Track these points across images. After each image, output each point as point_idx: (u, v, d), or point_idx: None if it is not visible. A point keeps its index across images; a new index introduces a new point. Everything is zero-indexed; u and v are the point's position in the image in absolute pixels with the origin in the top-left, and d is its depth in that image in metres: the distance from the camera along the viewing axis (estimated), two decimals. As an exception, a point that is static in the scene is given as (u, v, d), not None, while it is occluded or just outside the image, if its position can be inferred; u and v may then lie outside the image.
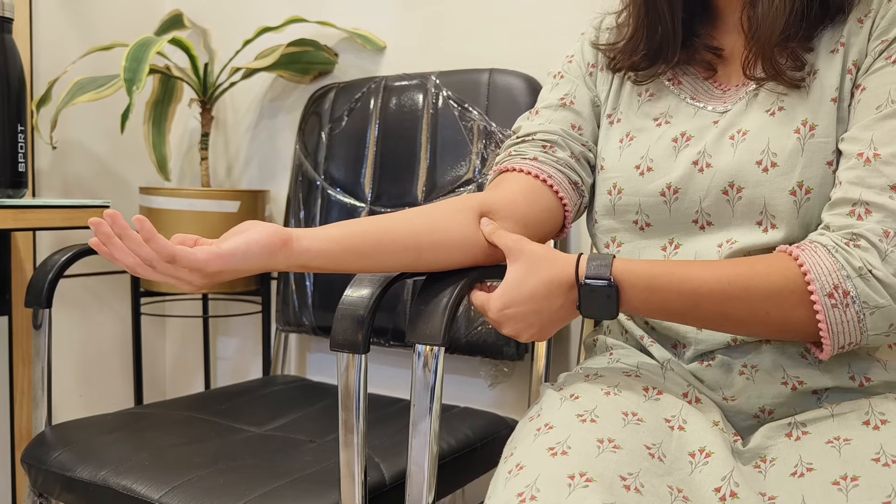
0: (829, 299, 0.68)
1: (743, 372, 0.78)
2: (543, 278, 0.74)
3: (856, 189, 0.71)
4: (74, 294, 1.62)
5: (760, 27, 0.77)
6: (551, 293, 0.74)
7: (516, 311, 0.75)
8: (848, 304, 0.68)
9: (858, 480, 0.63)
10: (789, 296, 0.70)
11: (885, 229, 0.68)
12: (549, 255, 0.75)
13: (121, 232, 0.65)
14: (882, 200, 0.69)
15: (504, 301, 0.75)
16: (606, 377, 0.80)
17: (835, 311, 0.68)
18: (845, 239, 0.70)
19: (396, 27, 1.50)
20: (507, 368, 1.39)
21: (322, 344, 1.63)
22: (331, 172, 1.44)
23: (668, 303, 0.73)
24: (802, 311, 0.70)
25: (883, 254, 0.68)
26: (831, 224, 0.72)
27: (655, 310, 0.74)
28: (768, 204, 0.76)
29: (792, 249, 0.71)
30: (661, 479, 0.66)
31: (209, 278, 0.69)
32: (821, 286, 0.68)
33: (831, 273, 0.68)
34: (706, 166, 0.79)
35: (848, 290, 0.68)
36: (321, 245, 0.73)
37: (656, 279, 0.72)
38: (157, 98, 1.58)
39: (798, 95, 0.77)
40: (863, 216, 0.70)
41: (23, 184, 1.29)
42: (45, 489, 1.03)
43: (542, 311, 0.75)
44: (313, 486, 0.90)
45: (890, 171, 0.70)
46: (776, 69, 0.77)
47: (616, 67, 0.89)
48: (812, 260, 0.69)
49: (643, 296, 0.73)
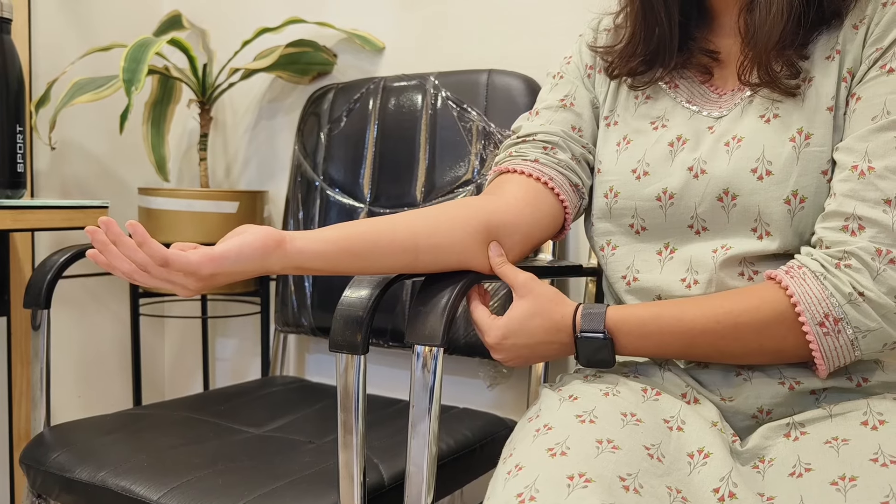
0: (820, 328, 0.69)
1: (740, 373, 0.78)
2: (546, 324, 0.78)
3: (850, 202, 0.71)
4: (73, 295, 1.62)
5: (757, 34, 0.77)
6: (551, 338, 0.78)
7: (514, 342, 0.79)
8: (840, 330, 0.69)
9: (857, 481, 0.63)
10: (779, 327, 0.71)
11: (878, 247, 0.69)
12: (554, 299, 0.79)
13: (115, 238, 0.66)
14: (875, 215, 0.69)
15: (505, 333, 0.79)
16: (605, 378, 0.80)
17: (827, 338, 0.70)
18: (835, 259, 0.70)
19: (395, 28, 1.50)
20: (505, 369, 1.39)
21: (321, 345, 1.63)
22: (330, 173, 1.44)
23: (664, 345, 0.76)
24: (794, 339, 0.71)
25: (874, 272, 0.68)
26: (824, 239, 0.72)
27: (653, 351, 0.77)
28: (762, 212, 0.76)
29: (780, 276, 0.72)
30: (660, 479, 0.66)
31: (204, 281, 0.69)
32: (811, 316, 0.69)
33: (821, 301, 0.69)
34: (701, 172, 0.79)
35: (839, 318, 0.69)
36: (316, 246, 0.73)
37: (647, 325, 0.75)
38: (156, 99, 1.58)
39: (793, 102, 0.77)
40: (856, 232, 0.70)
41: (21, 184, 1.29)
42: (44, 490, 1.03)
43: (536, 347, 0.79)
44: (312, 486, 0.90)
45: (884, 185, 0.70)
46: (771, 76, 0.77)
47: (613, 74, 0.89)
48: (801, 289, 0.70)
49: (638, 343, 0.76)
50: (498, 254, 0.82)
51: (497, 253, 0.82)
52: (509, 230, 0.83)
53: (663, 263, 0.83)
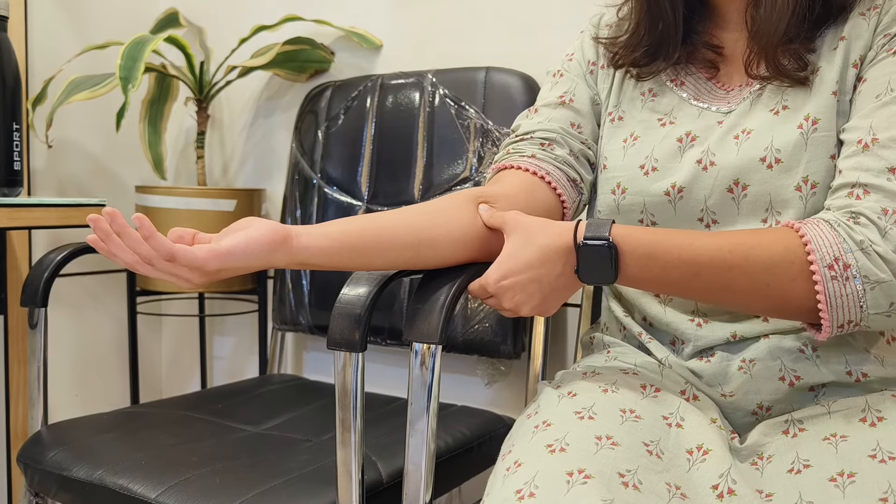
0: (828, 270, 0.67)
1: (741, 367, 0.78)
2: (540, 245, 0.73)
3: (854, 173, 0.71)
4: (70, 293, 1.62)
5: (762, 28, 0.77)
6: (549, 259, 0.73)
7: (514, 280, 0.74)
8: (848, 277, 0.67)
9: (855, 477, 0.63)
10: (789, 266, 0.69)
11: (884, 207, 0.68)
12: (545, 224, 0.75)
13: (119, 230, 0.65)
14: (880, 182, 0.69)
15: (501, 272, 0.74)
16: (604, 375, 0.80)
17: (834, 283, 0.67)
18: (846, 216, 0.69)
19: (393, 25, 1.50)
20: (504, 367, 1.39)
21: (319, 343, 1.63)
22: (327, 171, 1.44)
23: (668, 271, 0.72)
24: (802, 283, 0.69)
25: (882, 230, 0.68)
26: (832, 206, 0.72)
27: (654, 278, 0.73)
28: (774, 200, 0.76)
29: (795, 223, 0.71)
30: (659, 475, 0.66)
31: (208, 276, 0.69)
32: (821, 257, 0.68)
33: (832, 245, 0.68)
34: (710, 164, 0.79)
35: (849, 263, 0.67)
36: (320, 242, 0.73)
37: (656, 245, 0.71)
38: (153, 97, 1.58)
39: (802, 92, 0.77)
40: (861, 196, 0.70)
41: (18, 182, 1.29)
42: (42, 489, 1.03)
43: (541, 278, 0.74)
44: (310, 485, 0.90)
45: (887, 153, 0.70)
46: (779, 70, 0.77)
47: (618, 64, 0.89)
48: (814, 232, 0.69)
49: (642, 261, 0.72)
50: (487, 208, 0.81)
51: (486, 208, 0.81)
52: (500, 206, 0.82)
53: None
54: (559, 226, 0.74)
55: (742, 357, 0.78)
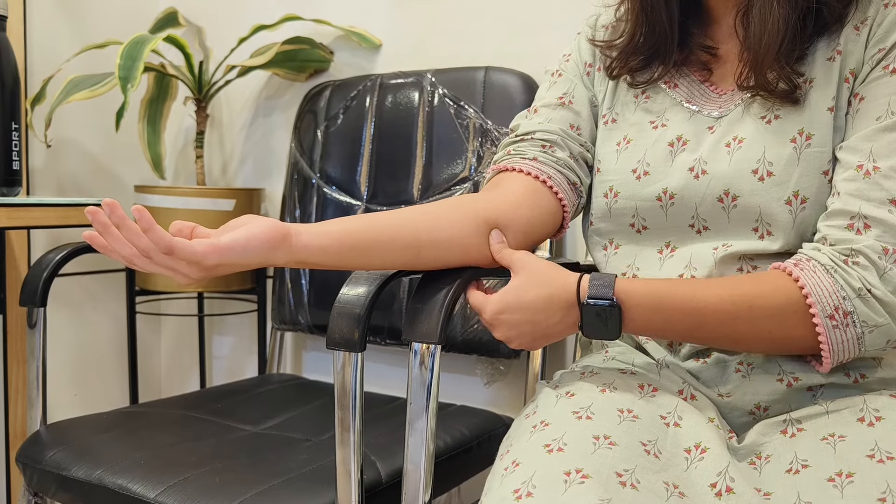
0: (830, 321, 0.69)
1: (739, 369, 0.78)
2: (544, 293, 0.75)
3: (855, 202, 0.71)
4: (69, 293, 1.62)
5: (753, 45, 0.77)
6: (550, 308, 0.75)
7: (511, 317, 0.76)
8: (848, 324, 0.69)
9: (853, 477, 0.64)
10: (791, 315, 0.70)
11: (885, 246, 0.69)
12: (552, 271, 0.77)
13: (119, 222, 0.64)
14: (881, 215, 0.69)
15: (501, 306, 0.76)
16: (602, 375, 0.80)
17: (836, 331, 0.69)
18: (843, 256, 0.70)
19: (392, 25, 1.50)
20: (503, 367, 1.39)
21: (318, 342, 1.63)
22: (326, 170, 1.44)
23: (672, 322, 0.73)
24: (804, 329, 0.70)
25: (881, 271, 0.68)
26: (829, 236, 0.72)
27: (658, 329, 0.74)
28: (763, 213, 0.76)
29: (790, 269, 0.71)
30: (657, 475, 0.66)
31: (206, 271, 0.69)
32: (822, 308, 0.69)
33: (831, 294, 0.69)
34: (702, 173, 0.79)
35: (849, 311, 0.68)
36: (320, 241, 0.73)
37: (660, 299, 0.73)
38: (152, 96, 1.58)
39: (793, 104, 0.77)
40: (861, 231, 0.70)
41: (17, 182, 1.29)
42: (41, 489, 1.03)
43: (538, 322, 0.76)
44: (309, 484, 0.90)
45: (889, 184, 0.70)
46: (768, 90, 0.77)
47: (613, 75, 0.89)
48: (812, 281, 0.70)
49: (646, 316, 0.73)
50: (499, 240, 0.82)
51: (498, 239, 0.82)
52: (507, 225, 0.83)
53: (663, 261, 0.83)
54: (564, 276, 0.76)
55: (739, 359, 0.78)
